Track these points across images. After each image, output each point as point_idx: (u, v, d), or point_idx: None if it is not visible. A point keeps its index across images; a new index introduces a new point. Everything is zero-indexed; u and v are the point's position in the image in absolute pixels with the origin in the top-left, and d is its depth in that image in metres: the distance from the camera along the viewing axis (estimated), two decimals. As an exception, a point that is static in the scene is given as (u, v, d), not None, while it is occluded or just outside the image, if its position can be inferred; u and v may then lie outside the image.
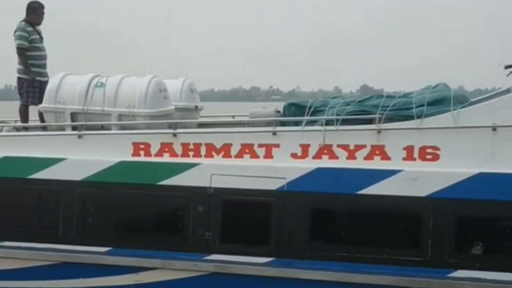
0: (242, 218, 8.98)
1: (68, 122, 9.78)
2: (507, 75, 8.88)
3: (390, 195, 8.37)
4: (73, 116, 9.80)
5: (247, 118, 10.02)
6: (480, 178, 8.15)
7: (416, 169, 8.38)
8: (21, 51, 11.06)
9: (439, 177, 8.26)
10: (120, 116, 9.62)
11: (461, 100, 8.89)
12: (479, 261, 8.15)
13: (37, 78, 11.06)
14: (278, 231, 8.73)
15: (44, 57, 11.49)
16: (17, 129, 10.38)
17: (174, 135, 9.22)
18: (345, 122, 8.84)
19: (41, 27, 11.48)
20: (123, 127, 9.62)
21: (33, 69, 11.11)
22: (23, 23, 11.24)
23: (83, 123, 9.66)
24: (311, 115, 9.19)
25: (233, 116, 11.58)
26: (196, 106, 11.59)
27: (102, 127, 9.67)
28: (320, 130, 8.72)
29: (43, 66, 11.42)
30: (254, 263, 8.75)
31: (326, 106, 9.31)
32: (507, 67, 8.87)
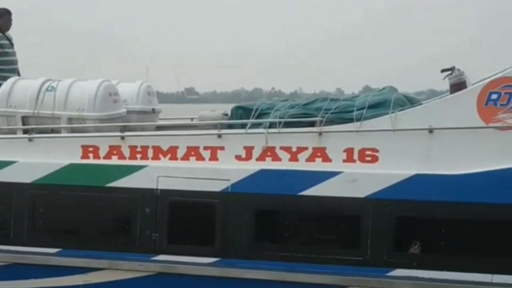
0: (188, 219, 9.16)
1: (19, 126, 9.89)
2: (443, 79, 9.08)
3: (330, 196, 8.57)
4: (24, 119, 9.91)
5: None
6: (417, 179, 8.37)
7: (356, 170, 8.58)
8: None
9: (377, 179, 8.47)
10: (70, 120, 9.75)
11: (403, 103, 9.07)
12: (416, 260, 8.37)
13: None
14: (223, 232, 8.92)
15: (13, 62, 11.63)
16: None
17: (122, 138, 9.38)
18: (289, 125, 9.03)
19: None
20: (73, 130, 9.75)
21: (1, 73, 11.21)
22: None
23: (34, 126, 9.79)
24: (257, 118, 9.36)
25: (192, 119, 11.71)
26: (153, 109, 11.72)
27: (52, 131, 9.81)
28: (263, 133, 8.90)
29: (13, 70, 11.54)
30: (199, 263, 8.93)
31: (272, 109, 9.47)
32: (443, 70, 9.08)
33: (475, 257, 8.28)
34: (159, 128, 10.20)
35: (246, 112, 9.57)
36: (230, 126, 9.44)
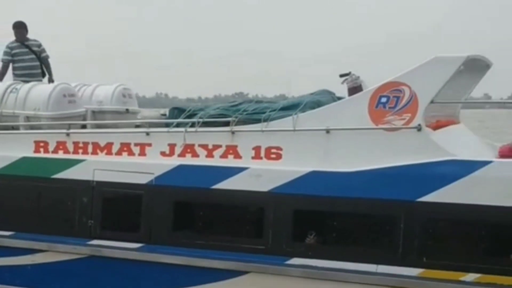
0: (118, 208, 10.21)
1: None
2: (341, 83, 9.76)
3: (238, 189, 9.41)
4: None
5: None
6: (313, 176, 9.11)
7: (261, 167, 9.39)
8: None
9: (278, 174, 9.26)
10: (28, 118, 10.95)
11: (316, 105, 9.77)
12: (311, 250, 9.10)
13: None
14: (148, 220, 9.91)
15: (31, 67, 12.82)
16: None
17: (68, 134, 10.51)
18: (210, 124, 9.93)
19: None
20: (31, 127, 10.95)
21: (18, 78, 12.46)
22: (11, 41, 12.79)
23: None
24: (187, 118, 10.29)
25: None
26: (127, 109, 12.76)
27: (13, 128, 11.04)
28: (182, 132, 9.84)
29: (29, 75, 12.70)
30: (126, 248, 9.95)
31: (203, 110, 10.38)
32: (341, 75, 9.77)
33: (363, 248, 8.94)
34: (99, 126, 11.23)
35: (180, 113, 10.51)
36: (167, 125, 10.39)
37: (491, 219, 8.36)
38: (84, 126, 11.19)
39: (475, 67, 10.75)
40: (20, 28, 12.84)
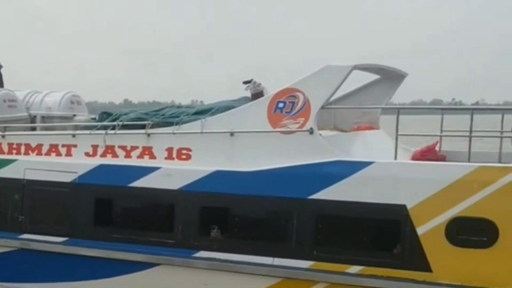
0: (46, 205, 10.98)
1: None
2: (245, 89, 10.49)
3: (151, 187, 10.17)
4: None
5: None
6: (217, 175, 9.84)
7: (172, 166, 10.13)
8: None
9: (186, 173, 10.00)
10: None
11: (227, 110, 10.47)
12: (216, 244, 9.83)
13: None
14: (71, 216, 10.67)
15: None
16: None
17: (3, 136, 11.31)
18: (131, 127, 10.69)
19: None
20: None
21: None
22: None
23: None
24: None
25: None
26: (74, 115, 13.47)
27: None
28: (102, 134, 10.61)
29: None
30: (52, 242, 10.72)
31: (126, 114, 11.13)
32: (244, 82, 10.50)
33: (261, 242, 9.65)
34: (33, 128, 12.00)
35: (108, 117, 11.28)
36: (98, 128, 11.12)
37: (371, 215, 9.05)
38: (34, 129, 11.91)
39: (391, 77, 11.50)
40: None
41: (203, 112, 10.50)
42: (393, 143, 9.68)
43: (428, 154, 10.46)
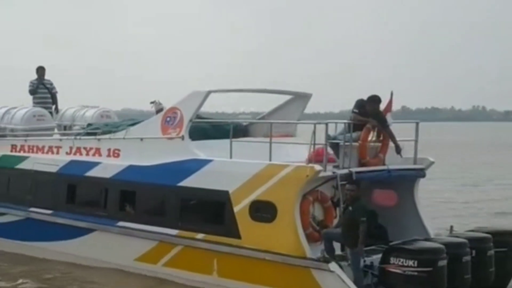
0: (42, 187, 15.72)
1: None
2: (151, 107, 14.56)
3: (95, 176, 14.59)
4: None
5: None
6: (129, 168, 14.02)
7: (107, 162, 14.50)
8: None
9: (114, 167, 14.29)
10: (12, 130, 17.02)
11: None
12: (128, 217, 14.00)
13: None
14: (54, 195, 15.39)
15: (44, 98, 18.96)
16: None
17: (25, 140, 16.42)
18: (92, 134, 15.25)
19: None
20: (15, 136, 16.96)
21: (37, 105, 18.60)
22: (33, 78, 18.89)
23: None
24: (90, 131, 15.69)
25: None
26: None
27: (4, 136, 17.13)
28: (71, 139, 15.33)
29: (43, 103, 18.78)
30: (44, 213, 15.55)
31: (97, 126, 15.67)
32: (151, 102, 14.57)
33: (152, 215, 13.67)
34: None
35: (88, 126, 15.93)
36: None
37: (208, 197, 12.74)
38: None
39: (300, 97, 14.98)
40: (40, 70, 18.86)
41: (133, 123, 14.77)
42: (289, 147, 13.07)
43: (318, 156, 13.57)
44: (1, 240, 16.49)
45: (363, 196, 12.02)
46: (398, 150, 12.89)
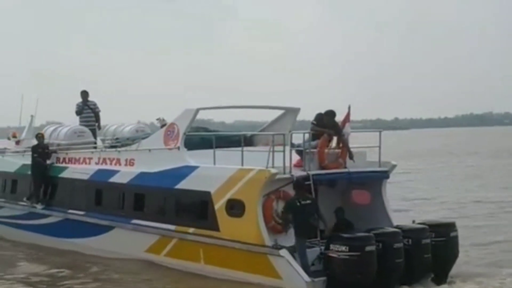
0: (78, 192, 18.81)
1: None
2: (156, 123, 17.25)
3: (114, 182, 17.45)
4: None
5: None
6: (141, 174, 16.80)
7: (125, 170, 17.34)
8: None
9: (130, 174, 17.12)
10: (59, 144, 20.17)
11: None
12: (142, 216, 16.74)
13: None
14: (87, 199, 18.39)
15: (88, 118, 22.11)
16: None
17: (67, 153, 19.54)
18: (116, 147, 18.17)
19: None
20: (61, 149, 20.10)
21: (81, 123, 21.85)
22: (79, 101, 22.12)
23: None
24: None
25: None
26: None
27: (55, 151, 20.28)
28: (99, 151, 18.27)
29: (87, 122, 21.96)
30: (78, 214, 18.58)
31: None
32: (157, 119, 17.25)
33: (154, 213, 16.35)
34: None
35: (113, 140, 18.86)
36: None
37: (196, 197, 15.27)
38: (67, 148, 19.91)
39: (290, 112, 17.39)
40: (84, 94, 21.93)
41: (145, 137, 17.57)
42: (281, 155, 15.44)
43: (300, 162, 15.86)
44: (48, 238, 19.61)
45: (343, 195, 15.16)
46: (350, 156, 15.04)
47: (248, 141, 17.16)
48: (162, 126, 17.29)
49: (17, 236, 20.91)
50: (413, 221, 15.01)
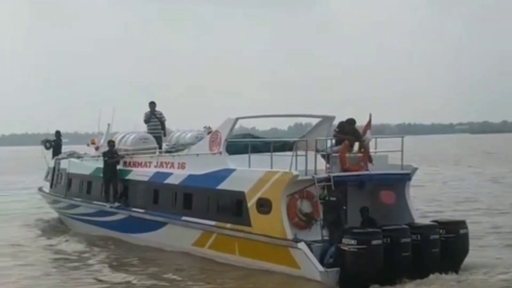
0: (141, 193, 21.06)
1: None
2: (204, 131, 19.22)
3: (170, 183, 19.59)
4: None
5: None
6: (190, 176, 18.83)
7: (177, 172, 19.43)
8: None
9: (181, 176, 19.19)
10: (126, 150, 22.53)
11: None
12: (190, 212, 18.78)
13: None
14: (147, 198, 20.60)
15: (155, 126, 24.46)
16: None
17: (132, 157, 21.85)
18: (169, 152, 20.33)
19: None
20: (127, 154, 22.46)
21: (148, 132, 24.23)
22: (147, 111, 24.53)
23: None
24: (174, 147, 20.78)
25: None
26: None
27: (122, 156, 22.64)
28: (155, 156, 20.47)
29: (155, 131, 24.33)
30: (139, 211, 20.84)
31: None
32: (204, 127, 19.20)
33: (198, 212, 18.32)
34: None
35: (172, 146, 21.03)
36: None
37: (234, 197, 17.11)
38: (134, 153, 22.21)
39: (326, 119, 19.07)
40: (152, 104, 24.23)
41: (194, 143, 19.62)
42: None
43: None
44: (115, 233, 21.99)
45: (370, 195, 16.80)
46: (370, 159, 16.54)
47: (290, 146, 18.83)
48: (209, 133, 19.26)
49: (90, 231, 23.39)
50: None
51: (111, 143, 22.49)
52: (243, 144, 18.35)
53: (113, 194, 22.05)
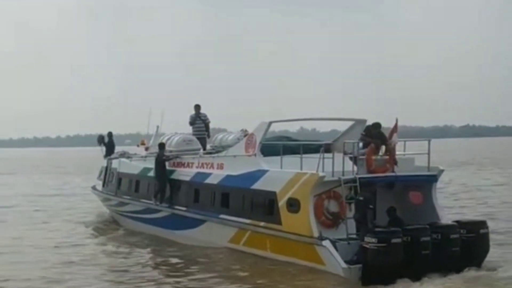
0: (183, 191, 22.21)
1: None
2: (244, 135, 20.18)
3: (209, 183, 20.69)
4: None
5: None
6: (228, 176, 19.88)
7: (215, 172, 20.49)
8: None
9: (219, 176, 20.24)
10: (171, 150, 23.70)
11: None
12: (227, 212, 19.82)
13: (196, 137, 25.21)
14: (187, 196, 21.75)
15: (200, 128, 25.62)
16: None
17: (176, 157, 23.04)
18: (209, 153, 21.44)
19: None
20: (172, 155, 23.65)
21: (193, 134, 25.46)
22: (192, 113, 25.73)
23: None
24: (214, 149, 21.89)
25: None
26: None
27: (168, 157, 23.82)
28: (197, 157, 21.58)
29: (199, 132, 25.52)
30: (180, 209, 21.99)
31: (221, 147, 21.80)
32: (241, 130, 20.18)
33: (239, 210, 19.32)
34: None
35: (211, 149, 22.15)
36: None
37: (266, 196, 18.09)
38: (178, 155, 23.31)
39: (358, 123, 19.87)
40: (197, 107, 25.39)
41: (232, 146, 20.65)
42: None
43: None
44: (159, 229, 23.21)
45: (399, 196, 17.56)
46: (395, 162, 17.27)
47: (328, 148, 19.61)
48: (245, 136, 20.28)
49: (137, 227, 24.70)
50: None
51: (161, 146, 23.65)
52: (279, 146, 19.29)
53: (160, 193, 23.22)
